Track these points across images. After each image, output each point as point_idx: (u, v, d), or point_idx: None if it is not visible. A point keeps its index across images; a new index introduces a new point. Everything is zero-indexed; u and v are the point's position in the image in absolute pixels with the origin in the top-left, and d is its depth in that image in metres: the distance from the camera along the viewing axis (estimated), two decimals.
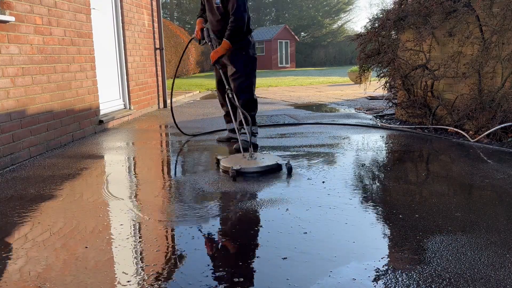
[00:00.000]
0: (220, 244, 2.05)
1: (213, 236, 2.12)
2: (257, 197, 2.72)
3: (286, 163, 3.25)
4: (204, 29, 4.20)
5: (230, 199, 2.72)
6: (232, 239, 2.10)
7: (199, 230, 2.20)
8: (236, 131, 3.86)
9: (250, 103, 4.12)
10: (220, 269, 1.78)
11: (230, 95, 3.85)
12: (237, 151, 3.85)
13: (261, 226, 2.24)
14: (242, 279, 1.70)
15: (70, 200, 2.72)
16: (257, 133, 4.22)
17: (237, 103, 3.81)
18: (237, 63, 4.05)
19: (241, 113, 3.86)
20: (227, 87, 3.94)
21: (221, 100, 4.45)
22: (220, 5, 3.95)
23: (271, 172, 3.22)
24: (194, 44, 23.78)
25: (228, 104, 4.08)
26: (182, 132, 4.80)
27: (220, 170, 3.32)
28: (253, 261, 1.85)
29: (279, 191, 2.81)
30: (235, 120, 4.08)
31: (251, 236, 2.12)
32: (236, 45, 3.99)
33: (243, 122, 3.89)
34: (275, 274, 1.74)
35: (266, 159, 3.44)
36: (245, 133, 3.98)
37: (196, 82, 15.24)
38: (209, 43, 4.17)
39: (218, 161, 3.48)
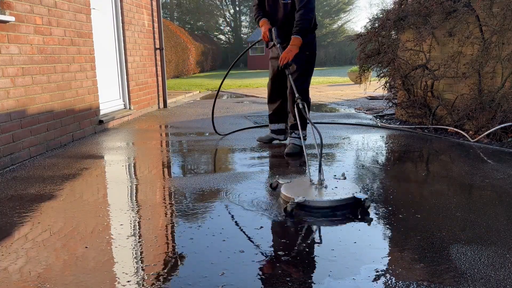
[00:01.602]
0: (220, 244, 2.05)
1: (213, 236, 2.12)
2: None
3: (366, 198, 2.45)
4: (272, 29, 3.77)
5: (232, 194, 2.72)
6: (231, 238, 2.10)
7: (199, 230, 2.20)
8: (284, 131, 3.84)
9: (307, 106, 3.62)
10: (221, 269, 1.78)
11: (301, 106, 3.18)
12: (288, 155, 3.76)
13: (261, 228, 2.24)
14: (242, 280, 1.70)
15: (70, 200, 2.72)
16: (306, 136, 3.90)
17: (308, 115, 3.22)
18: (300, 63, 3.68)
19: (298, 117, 3.37)
20: (297, 95, 3.30)
21: (270, 96, 4.18)
22: (289, 1, 3.66)
23: (346, 209, 2.45)
24: (194, 44, 23.79)
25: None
26: (216, 132, 4.75)
27: (280, 199, 2.62)
28: (252, 261, 1.85)
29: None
30: (283, 121, 4.06)
31: (252, 236, 2.12)
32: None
33: (299, 126, 3.38)
34: (276, 273, 1.74)
35: (340, 188, 2.61)
36: (296, 137, 3.85)
37: (196, 82, 15.24)
38: (278, 45, 3.71)
39: (275, 187, 2.82)
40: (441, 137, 4.48)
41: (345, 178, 2.79)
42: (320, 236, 2.14)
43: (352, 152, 3.90)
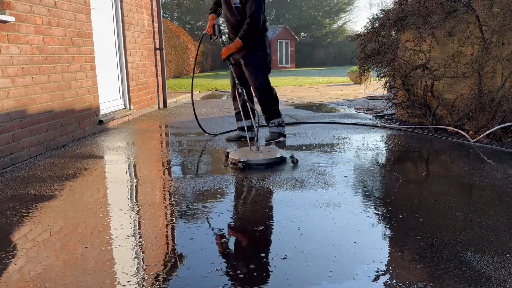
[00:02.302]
0: (220, 243, 2.05)
1: (213, 236, 2.12)
2: (260, 203, 2.72)
3: (290, 156, 3.50)
4: (215, 25, 4.31)
5: (230, 199, 2.72)
6: (232, 239, 2.10)
7: (199, 230, 2.20)
8: (245, 129, 4.11)
9: (270, 99, 4.33)
10: (220, 269, 1.78)
11: (240, 90, 3.99)
12: (267, 142, 4.28)
13: (262, 229, 2.24)
14: (242, 280, 1.70)
15: (70, 200, 2.72)
16: (283, 123, 4.47)
17: (245, 97, 4.02)
18: (254, 63, 4.20)
19: (249, 109, 4.03)
20: (237, 82, 4.08)
21: (233, 96, 4.56)
22: (240, 5, 4.06)
23: (276, 165, 3.45)
24: (194, 44, 23.79)
25: (239, 102, 4.25)
26: (205, 132, 4.87)
27: (229, 162, 3.58)
28: (253, 261, 1.85)
29: (281, 195, 2.81)
30: (245, 118, 4.34)
31: (252, 236, 2.12)
32: (250, 45, 4.13)
33: (251, 116, 4.02)
34: (275, 274, 1.74)
35: (272, 152, 3.68)
36: (273, 126, 4.37)
37: (196, 82, 15.22)
38: (220, 40, 4.28)
39: (227, 154, 3.70)
40: (441, 137, 4.48)
41: (273, 146, 3.94)
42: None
43: (352, 152, 3.90)
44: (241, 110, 4.23)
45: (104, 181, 3.19)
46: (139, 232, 2.21)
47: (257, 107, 4.30)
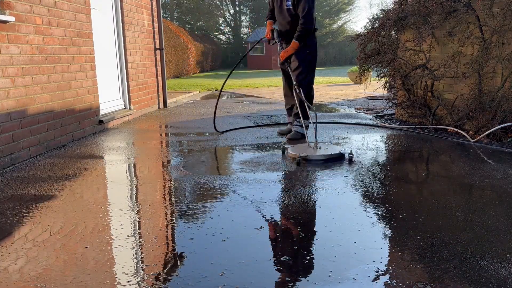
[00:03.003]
0: (220, 244, 2.05)
1: (213, 236, 2.12)
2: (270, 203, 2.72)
3: (349, 153, 3.59)
4: (274, 30, 4.55)
5: (230, 199, 2.72)
6: (231, 238, 2.10)
7: (199, 230, 2.20)
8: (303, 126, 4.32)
9: (309, 98, 4.41)
10: (220, 269, 1.78)
11: (297, 90, 4.20)
12: (289, 140, 4.41)
13: (260, 229, 2.24)
14: (242, 280, 1.70)
15: (70, 200, 2.72)
16: (308, 126, 4.49)
17: (303, 97, 4.16)
18: (301, 60, 4.35)
19: (298, 107, 4.26)
20: (294, 83, 4.27)
21: (285, 93, 4.82)
22: (291, 7, 4.27)
23: (334, 161, 3.57)
24: (194, 44, 23.79)
25: (296, 101, 4.39)
26: (216, 130, 4.98)
27: (288, 157, 3.71)
28: (253, 261, 1.85)
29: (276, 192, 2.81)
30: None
31: (252, 236, 2.12)
32: (303, 43, 4.32)
33: (300, 115, 4.28)
34: (275, 274, 1.74)
35: (330, 148, 3.82)
36: (298, 125, 4.49)
37: (196, 82, 15.24)
38: (278, 43, 4.49)
39: (284, 149, 3.86)
40: (441, 137, 4.48)
41: (331, 143, 4.04)
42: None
43: (352, 152, 3.90)
44: (297, 106, 4.35)
45: (104, 181, 3.19)
46: (139, 232, 2.21)
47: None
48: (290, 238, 2.09)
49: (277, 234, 2.14)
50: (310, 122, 4.51)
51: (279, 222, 2.29)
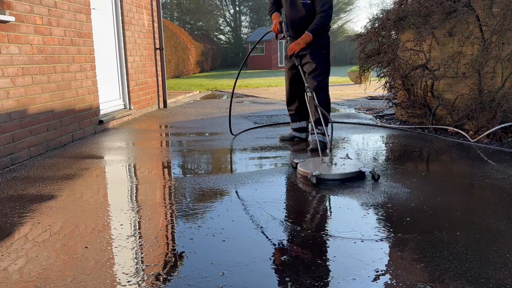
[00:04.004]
0: (220, 244, 2.05)
1: (213, 236, 2.12)
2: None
3: (371, 171, 3.01)
4: (282, 22, 4.07)
5: (230, 199, 2.72)
6: (231, 238, 2.10)
7: (199, 230, 2.20)
8: (310, 131, 4.03)
9: (327, 102, 4.06)
10: (220, 269, 1.78)
11: (310, 94, 3.68)
12: (313, 151, 3.90)
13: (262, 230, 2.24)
14: (242, 280, 1.70)
15: (70, 200, 2.72)
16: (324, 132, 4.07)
17: (316, 101, 3.65)
18: (319, 61, 3.97)
19: (320, 113, 3.73)
20: (306, 85, 3.79)
21: (289, 98, 4.38)
22: (309, 1, 3.93)
23: (353, 180, 2.95)
24: (194, 44, 23.78)
25: (297, 103, 4.21)
26: (232, 133, 4.82)
27: (298, 174, 3.13)
28: (253, 261, 1.85)
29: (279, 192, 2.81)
30: (301, 119, 4.31)
31: (252, 236, 2.12)
32: (318, 42, 3.96)
33: (322, 121, 3.78)
34: (275, 274, 1.74)
35: (348, 165, 3.18)
36: (320, 133, 3.96)
37: (196, 82, 15.24)
38: (287, 37, 4.03)
39: (295, 165, 3.26)
40: (441, 137, 4.48)
41: (349, 158, 3.40)
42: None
43: (352, 152, 3.90)
44: (298, 111, 4.15)
45: (104, 181, 3.19)
46: (139, 232, 2.21)
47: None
48: (290, 238, 2.09)
49: (277, 234, 2.14)
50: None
51: (279, 222, 2.29)
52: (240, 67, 4.99)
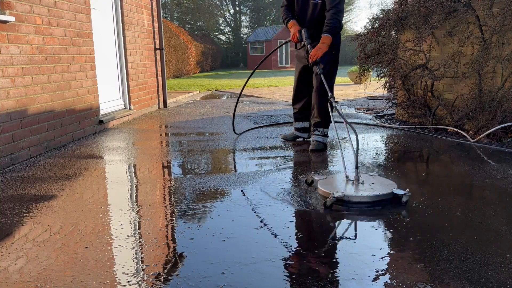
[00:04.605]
0: (220, 243, 2.05)
1: (213, 236, 2.12)
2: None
3: (405, 193, 2.48)
4: (302, 30, 3.85)
5: (230, 199, 2.72)
6: (231, 238, 2.09)
7: (199, 230, 2.20)
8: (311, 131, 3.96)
9: (330, 105, 3.81)
10: (220, 269, 1.78)
11: (334, 104, 3.35)
12: (312, 151, 3.91)
13: (259, 227, 2.24)
14: (242, 280, 1.70)
15: (70, 200, 2.72)
16: (328, 135, 4.08)
17: (341, 112, 3.30)
18: (327, 62, 3.81)
19: (345, 123, 3.33)
20: (330, 94, 3.49)
21: (295, 96, 4.33)
22: (320, 1, 3.79)
23: (384, 204, 2.49)
24: (194, 44, 23.78)
25: (303, 102, 4.14)
26: (235, 132, 4.87)
27: (318, 194, 2.70)
28: (253, 261, 1.85)
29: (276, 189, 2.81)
30: (304, 119, 4.26)
31: (252, 237, 2.12)
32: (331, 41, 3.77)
33: (321, 123, 3.86)
34: (275, 274, 1.74)
35: (378, 184, 2.68)
36: (319, 135, 3.96)
37: (196, 82, 15.24)
38: (308, 45, 3.78)
39: (311, 182, 2.89)
40: (441, 137, 4.48)
41: (379, 175, 3.01)
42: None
43: (352, 152, 3.89)
44: (317, 114, 3.93)
45: (104, 181, 3.19)
46: (139, 232, 2.21)
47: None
48: (290, 238, 2.09)
49: (277, 234, 2.14)
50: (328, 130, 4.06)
51: (279, 222, 2.29)
52: (254, 68, 4.93)
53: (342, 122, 3.18)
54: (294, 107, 4.41)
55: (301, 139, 4.44)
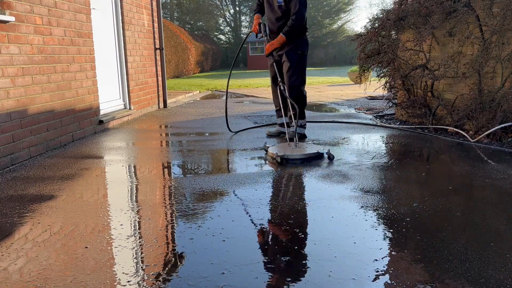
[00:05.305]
0: (220, 243, 2.05)
1: (213, 236, 2.12)
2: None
3: (327, 152, 3.62)
4: (261, 24, 4.50)
5: (230, 199, 2.72)
6: (231, 238, 2.10)
7: (199, 230, 2.20)
8: (285, 125, 4.32)
9: (300, 99, 4.39)
10: (220, 269, 1.78)
11: (282, 88, 4.23)
12: (289, 140, 4.24)
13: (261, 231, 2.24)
14: (242, 280, 1.70)
15: (70, 200, 2.72)
16: (305, 125, 4.61)
17: (286, 94, 4.21)
18: (293, 61, 4.33)
19: (290, 105, 4.22)
20: (279, 79, 4.28)
21: (275, 94, 4.70)
22: (283, 3, 4.24)
23: (313, 160, 3.57)
24: (194, 44, 23.79)
25: (280, 98, 4.48)
26: (230, 130, 4.99)
27: (268, 157, 3.71)
28: (253, 262, 1.85)
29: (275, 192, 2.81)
30: (285, 114, 4.52)
31: (252, 237, 2.12)
32: (293, 44, 4.32)
33: (292, 116, 4.25)
34: (275, 274, 1.74)
35: (309, 147, 3.85)
36: (293, 126, 4.30)
37: (196, 82, 15.24)
38: (265, 38, 4.46)
39: (266, 149, 3.83)
40: (441, 137, 4.48)
41: (312, 143, 4.14)
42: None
43: (352, 152, 3.90)
44: (281, 107, 4.46)
45: (104, 181, 3.19)
46: (139, 232, 2.21)
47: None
48: (290, 238, 2.09)
49: (277, 234, 2.14)
50: (306, 122, 4.65)
51: (279, 222, 2.29)
52: (230, 68, 5.53)
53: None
54: (275, 105, 4.82)
55: (284, 134, 4.56)
